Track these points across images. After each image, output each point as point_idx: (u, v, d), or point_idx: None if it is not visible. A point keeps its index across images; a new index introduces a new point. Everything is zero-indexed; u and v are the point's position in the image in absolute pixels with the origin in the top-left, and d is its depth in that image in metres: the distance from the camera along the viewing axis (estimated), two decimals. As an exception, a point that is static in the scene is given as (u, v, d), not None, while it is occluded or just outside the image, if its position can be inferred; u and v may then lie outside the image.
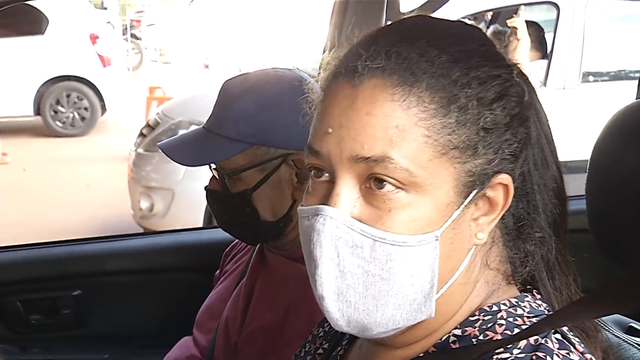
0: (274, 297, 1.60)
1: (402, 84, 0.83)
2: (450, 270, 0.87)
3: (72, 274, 2.38)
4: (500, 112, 0.85)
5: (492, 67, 0.86)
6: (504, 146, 0.86)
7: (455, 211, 0.85)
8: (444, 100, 0.83)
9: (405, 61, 0.84)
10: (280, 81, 1.61)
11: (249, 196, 1.59)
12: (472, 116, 0.84)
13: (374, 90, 0.83)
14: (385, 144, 0.82)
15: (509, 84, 0.87)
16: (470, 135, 0.84)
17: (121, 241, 2.53)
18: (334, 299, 0.86)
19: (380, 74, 0.84)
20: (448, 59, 0.84)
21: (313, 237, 0.85)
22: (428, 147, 0.82)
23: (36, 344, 2.38)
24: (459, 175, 0.84)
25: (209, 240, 2.47)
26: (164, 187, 5.16)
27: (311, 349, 1.13)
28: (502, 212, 0.88)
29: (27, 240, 2.58)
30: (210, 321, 1.79)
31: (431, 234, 0.83)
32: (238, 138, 1.57)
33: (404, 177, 0.82)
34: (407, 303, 0.85)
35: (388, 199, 0.83)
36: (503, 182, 0.86)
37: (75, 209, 6.87)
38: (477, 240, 0.88)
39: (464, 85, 0.84)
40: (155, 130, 5.42)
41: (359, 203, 0.85)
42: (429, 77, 0.83)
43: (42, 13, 9.89)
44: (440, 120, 0.83)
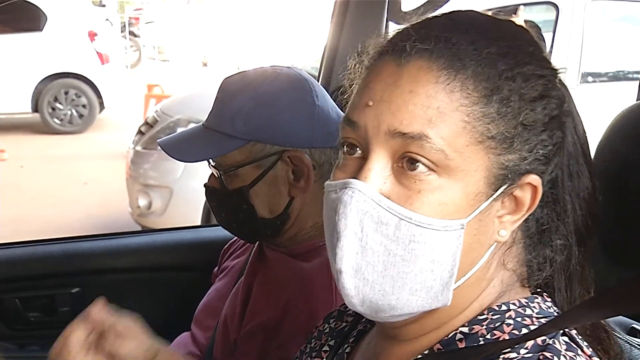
0: (273, 294, 1.60)
1: (448, 67, 0.84)
2: (470, 263, 0.87)
3: (70, 272, 2.38)
4: (541, 111, 0.86)
5: (537, 66, 0.87)
6: (539, 146, 0.86)
7: (484, 202, 0.85)
8: (487, 90, 0.84)
9: (454, 47, 0.85)
10: (278, 79, 1.61)
11: (246, 193, 1.59)
12: (512, 110, 0.84)
13: (420, 70, 0.84)
14: (424, 123, 0.82)
15: (551, 86, 0.88)
16: (508, 128, 0.84)
17: (119, 239, 2.53)
18: (352, 275, 0.85)
19: (428, 56, 0.85)
20: (497, 51, 0.85)
21: (339, 209, 0.85)
22: (466, 132, 0.83)
23: (34, 342, 2.38)
24: (491, 166, 0.84)
25: (207, 238, 2.47)
26: (162, 185, 5.16)
27: (316, 345, 1.13)
28: (527, 214, 0.88)
29: (25, 238, 2.57)
30: (209, 318, 1.79)
31: (457, 221, 0.83)
32: (235, 134, 1.58)
33: (438, 158, 0.82)
34: (424, 290, 0.85)
35: (419, 180, 0.83)
36: (532, 183, 0.87)
37: (73, 207, 6.87)
38: (499, 238, 0.88)
39: (509, 79, 0.85)
40: (154, 128, 5.42)
41: (389, 180, 0.85)
42: (475, 65, 0.84)
43: (40, 10, 9.88)
44: (482, 108, 0.83)
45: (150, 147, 5.26)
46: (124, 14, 17.85)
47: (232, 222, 1.68)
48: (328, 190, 0.89)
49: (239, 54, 15.12)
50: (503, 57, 0.85)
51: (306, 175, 1.58)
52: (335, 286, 0.90)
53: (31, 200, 7.06)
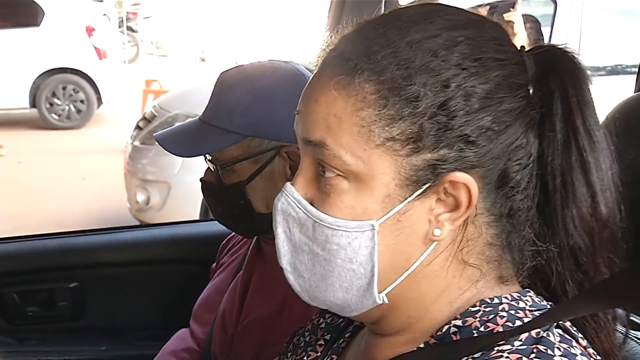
0: (271, 289, 1.60)
1: (346, 73, 0.84)
2: (404, 262, 0.86)
3: (69, 266, 2.38)
4: (453, 107, 0.82)
5: (451, 60, 0.83)
6: (460, 142, 0.83)
7: (399, 204, 0.84)
8: (383, 92, 0.82)
9: (355, 51, 0.86)
10: (276, 73, 1.61)
11: (243, 188, 1.59)
12: (413, 109, 0.82)
13: (325, 78, 0.86)
14: (324, 131, 0.85)
15: (476, 79, 0.83)
16: (411, 128, 0.82)
17: (117, 233, 2.53)
18: (291, 272, 0.91)
19: (332, 63, 0.87)
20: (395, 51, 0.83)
21: (274, 211, 0.91)
22: (361, 136, 0.83)
23: (33, 336, 2.38)
24: (400, 168, 0.83)
25: (205, 233, 2.47)
26: (161, 180, 5.16)
27: (312, 339, 1.13)
28: (465, 214, 0.85)
29: (23, 233, 2.58)
30: (207, 313, 1.80)
31: (367, 222, 0.84)
32: (232, 129, 1.57)
33: (338, 164, 0.84)
34: (354, 288, 0.87)
35: (329, 184, 0.85)
36: (458, 181, 0.83)
37: (71, 202, 6.87)
38: (434, 237, 0.85)
39: (410, 77, 0.82)
40: (152, 123, 5.42)
41: (313, 185, 0.89)
42: (372, 67, 0.83)
43: (37, 5, 9.87)
44: (377, 111, 0.82)
45: (148, 143, 5.26)
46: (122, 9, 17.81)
47: (228, 216, 1.68)
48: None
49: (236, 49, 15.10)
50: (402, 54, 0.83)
51: None
52: None
53: (29, 196, 7.05)
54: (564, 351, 0.81)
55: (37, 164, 8.31)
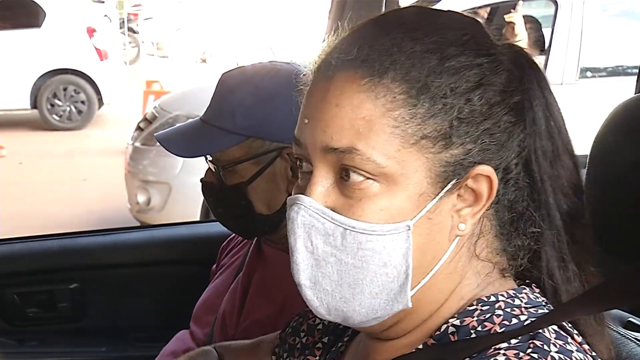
0: (271, 291, 1.60)
1: (371, 74, 0.84)
2: (431, 261, 0.87)
3: (69, 267, 2.38)
4: (477, 102, 0.85)
5: (470, 56, 0.86)
6: (484, 136, 0.85)
7: (430, 202, 0.84)
8: (413, 91, 0.83)
9: (376, 52, 0.85)
10: (278, 74, 1.60)
11: (244, 189, 1.58)
12: (443, 106, 0.83)
13: (344, 82, 0.85)
14: (353, 136, 0.83)
15: (490, 73, 0.86)
16: (442, 125, 0.83)
17: (118, 234, 2.53)
18: (311, 287, 0.87)
19: (351, 66, 0.85)
20: (422, 50, 0.84)
21: (289, 226, 0.87)
22: (395, 137, 0.83)
23: (33, 337, 2.38)
24: (431, 166, 0.84)
25: (205, 234, 2.47)
26: (161, 181, 5.16)
27: (309, 341, 1.12)
28: (487, 204, 0.87)
29: (24, 234, 2.58)
30: (207, 315, 1.79)
31: (402, 223, 0.83)
32: (234, 130, 1.57)
33: (371, 168, 0.83)
34: (385, 292, 0.85)
35: (358, 189, 0.84)
36: (483, 174, 0.85)
37: (72, 203, 6.87)
38: (459, 232, 0.87)
39: (436, 75, 0.83)
40: (153, 124, 5.42)
41: (334, 192, 0.86)
42: (399, 67, 0.84)
43: (39, 6, 9.88)
44: (409, 110, 0.83)
45: (149, 143, 5.26)
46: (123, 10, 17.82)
47: (229, 217, 1.67)
48: (287, 207, 0.91)
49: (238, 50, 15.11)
50: (429, 54, 0.84)
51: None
52: None
53: (30, 197, 7.05)
54: (559, 347, 0.82)
55: (38, 165, 8.31)
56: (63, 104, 10.23)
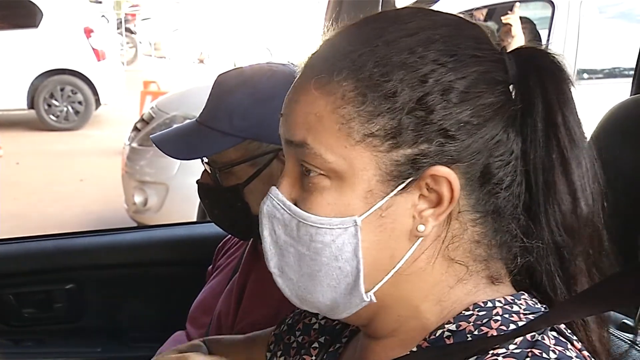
0: (267, 292, 1.59)
1: (324, 72, 0.86)
2: (390, 259, 0.87)
3: (66, 268, 2.38)
4: (432, 101, 0.83)
5: (432, 54, 0.84)
6: (439, 136, 0.83)
7: (381, 200, 0.84)
8: (362, 89, 0.84)
9: (332, 50, 0.88)
10: (275, 76, 1.60)
11: (241, 191, 1.58)
12: (392, 105, 0.83)
13: (304, 79, 0.88)
14: (305, 131, 0.86)
15: (452, 73, 0.84)
16: (389, 123, 0.83)
17: (115, 235, 2.53)
18: (279, 275, 0.92)
19: (311, 64, 0.89)
20: (371, 50, 0.85)
21: (260, 215, 0.92)
22: (342, 133, 0.84)
23: (29, 337, 2.39)
24: (380, 164, 0.84)
25: (202, 235, 2.47)
26: (158, 182, 5.16)
27: (305, 341, 1.12)
28: (448, 208, 0.85)
29: (20, 234, 2.58)
30: (203, 316, 1.79)
31: (349, 218, 0.84)
32: (231, 132, 1.56)
33: (319, 163, 0.85)
34: (342, 285, 0.87)
35: (312, 183, 0.86)
36: (438, 174, 0.84)
37: (69, 203, 6.86)
38: (418, 233, 0.86)
39: (388, 73, 0.83)
40: (150, 124, 5.42)
41: (297, 185, 0.89)
42: (350, 65, 0.85)
43: (36, 6, 9.86)
44: (357, 108, 0.83)
45: (146, 144, 5.25)
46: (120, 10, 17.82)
47: (225, 219, 1.67)
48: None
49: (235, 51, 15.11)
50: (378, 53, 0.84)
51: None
52: None
53: (27, 197, 7.05)
54: (559, 354, 0.81)
55: (35, 165, 8.29)
56: (60, 104, 10.21)
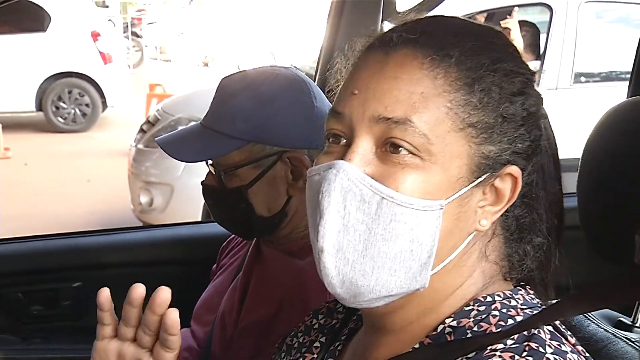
0: (269, 291, 1.59)
1: (433, 55, 0.85)
2: (450, 249, 0.87)
3: (73, 266, 2.38)
4: (519, 106, 0.87)
5: (516, 64, 0.89)
6: (518, 140, 0.87)
7: (465, 187, 0.85)
8: (469, 79, 0.85)
9: (440, 37, 0.87)
10: (277, 79, 1.60)
11: (245, 192, 1.58)
12: (493, 100, 0.85)
13: (405, 57, 0.86)
14: (408, 108, 0.84)
15: (529, 84, 0.89)
16: (489, 118, 0.85)
17: (121, 234, 2.53)
18: (333, 254, 0.85)
19: (413, 45, 0.87)
20: (480, 46, 0.87)
21: (323, 188, 0.85)
22: (448, 118, 0.84)
23: (37, 334, 2.38)
24: (473, 154, 0.85)
25: (206, 234, 2.47)
26: (164, 182, 5.16)
27: (306, 340, 1.12)
28: (507, 205, 0.89)
29: (28, 233, 2.58)
30: (208, 314, 1.79)
31: (437, 201, 0.84)
32: (234, 135, 1.56)
33: (420, 142, 0.83)
34: (403, 270, 0.85)
35: (402, 161, 0.84)
36: (513, 174, 0.87)
37: (76, 203, 6.86)
38: (480, 227, 0.88)
39: (490, 71, 0.86)
40: (155, 126, 5.42)
41: (373, 162, 0.86)
42: (459, 54, 0.85)
43: (44, 10, 9.87)
44: (464, 96, 0.85)
45: (152, 145, 5.26)
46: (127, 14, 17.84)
47: (229, 219, 1.67)
48: (311, 174, 0.90)
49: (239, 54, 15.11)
50: (485, 51, 0.87)
51: (305, 175, 1.57)
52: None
53: (35, 197, 7.05)
54: (554, 349, 0.82)
55: (43, 166, 8.30)
56: (68, 106, 10.23)
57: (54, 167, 8.26)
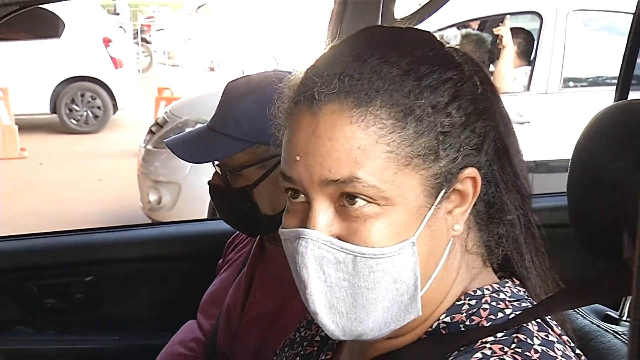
0: (272, 286, 1.59)
1: (358, 105, 0.81)
2: (433, 265, 0.86)
3: (85, 261, 2.38)
4: (456, 114, 0.84)
5: (441, 71, 0.85)
6: (465, 143, 0.85)
7: (428, 212, 0.84)
8: (399, 114, 0.81)
9: (359, 82, 0.82)
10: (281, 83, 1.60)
11: (250, 191, 1.58)
12: (428, 124, 0.82)
13: (333, 115, 0.82)
14: (351, 165, 0.81)
15: (460, 84, 0.85)
16: (429, 142, 0.82)
17: (131, 231, 2.53)
18: (326, 312, 0.85)
19: (337, 98, 0.82)
20: (399, 73, 0.83)
21: (298, 260, 0.84)
22: (391, 161, 0.81)
23: (51, 326, 2.38)
24: (425, 181, 0.83)
25: (212, 231, 2.46)
26: (172, 182, 5.16)
27: (307, 334, 1.12)
28: (473, 201, 0.87)
29: (43, 229, 2.58)
30: (213, 307, 1.79)
31: (407, 241, 0.82)
32: (240, 137, 1.56)
33: (373, 193, 0.81)
34: (395, 305, 0.84)
35: (361, 213, 0.82)
36: (470, 176, 0.86)
37: (88, 201, 6.87)
38: (455, 232, 0.87)
39: (417, 96, 0.82)
40: (164, 128, 5.42)
41: (335, 221, 0.84)
42: (382, 94, 0.81)
43: (58, 18, 9.88)
44: (399, 134, 0.81)
45: (160, 146, 5.25)
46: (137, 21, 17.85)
47: (234, 218, 1.67)
48: (284, 238, 0.88)
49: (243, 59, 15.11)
50: (407, 75, 0.82)
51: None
52: None
53: (49, 195, 7.06)
54: (542, 340, 0.82)
55: (57, 165, 8.31)
56: (80, 109, 10.25)
57: (67, 166, 8.27)
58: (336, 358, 1.04)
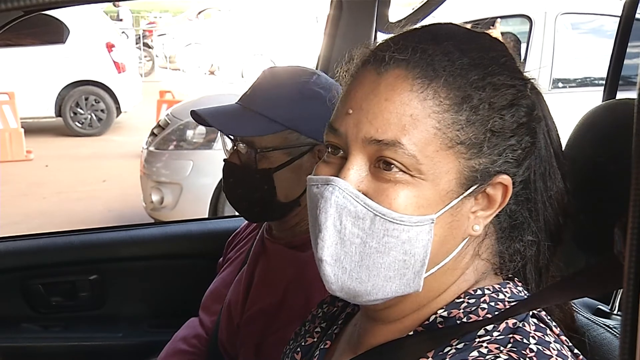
0: (273, 282, 1.58)
1: (423, 77, 0.82)
2: (444, 254, 0.86)
3: (90, 260, 2.38)
4: (509, 119, 0.85)
5: (508, 76, 0.86)
6: (508, 150, 0.85)
7: (455, 199, 0.83)
8: (458, 98, 0.82)
9: (429, 57, 0.83)
10: (319, 79, 1.59)
11: (270, 175, 1.55)
12: (481, 117, 0.83)
13: (396, 79, 0.83)
14: (398, 130, 0.81)
15: (521, 95, 0.86)
16: (477, 134, 0.83)
17: (134, 230, 2.52)
18: (332, 264, 0.85)
19: (404, 65, 0.83)
20: (469, 62, 0.84)
21: (320, 204, 0.84)
22: (437, 138, 0.82)
23: (57, 324, 2.38)
24: (462, 169, 0.83)
25: (213, 230, 2.46)
26: (173, 182, 5.15)
27: (310, 328, 1.13)
28: (498, 209, 0.87)
29: (49, 229, 2.57)
30: (215, 304, 1.79)
31: (428, 216, 0.82)
32: (276, 119, 1.53)
33: (410, 163, 0.81)
34: (398, 277, 0.84)
35: (394, 177, 0.82)
36: (503, 182, 0.86)
37: (92, 202, 6.86)
38: (473, 232, 0.87)
39: (479, 88, 0.83)
40: (165, 130, 5.41)
41: (366, 179, 0.84)
42: (448, 74, 0.82)
43: (63, 24, 9.88)
44: (452, 115, 0.82)
45: (162, 148, 5.25)
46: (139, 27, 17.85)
47: (248, 198, 1.61)
48: (310, 184, 0.88)
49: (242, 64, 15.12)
50: (475, 67, 0.84)
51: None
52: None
53: (55, 196, 7.05)
54: (538, 339, 0.81)
55: (62, 167, 8.31)
56: (85, 112, 10.25)
57: (72, 168, 8.26)
58: (334, 347, 1.04)
